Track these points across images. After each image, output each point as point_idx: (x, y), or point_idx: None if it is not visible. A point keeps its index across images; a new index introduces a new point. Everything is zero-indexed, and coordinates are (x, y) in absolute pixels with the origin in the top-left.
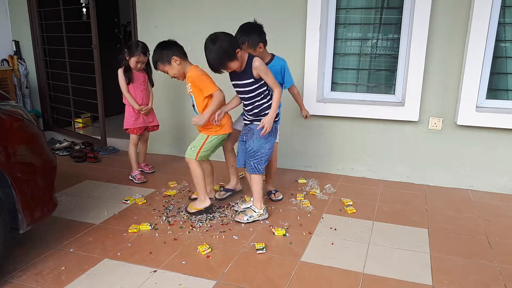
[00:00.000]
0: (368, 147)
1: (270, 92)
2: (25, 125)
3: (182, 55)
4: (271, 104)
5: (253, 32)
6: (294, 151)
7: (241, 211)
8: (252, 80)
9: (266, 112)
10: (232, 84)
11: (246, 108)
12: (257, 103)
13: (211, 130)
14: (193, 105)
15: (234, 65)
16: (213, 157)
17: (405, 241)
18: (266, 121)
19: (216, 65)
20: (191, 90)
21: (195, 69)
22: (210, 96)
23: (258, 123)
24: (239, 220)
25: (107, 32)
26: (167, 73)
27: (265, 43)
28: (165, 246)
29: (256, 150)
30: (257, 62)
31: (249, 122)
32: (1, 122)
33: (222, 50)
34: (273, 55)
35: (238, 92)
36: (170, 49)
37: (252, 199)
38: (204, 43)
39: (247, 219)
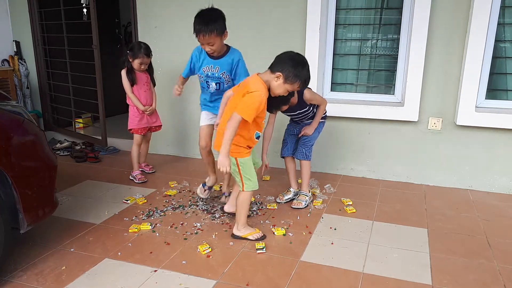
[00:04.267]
0: (368, 147)
1: None
2: (26, 125)
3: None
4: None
5: (220, 19)
6: None
7: (294, 199)
8: (307, 107)
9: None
10: (286, 114)
11: (297, 120)
12: (310, 115)
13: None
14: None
15: (294, 100)
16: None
17: (404, 241)
18: (309, 131)
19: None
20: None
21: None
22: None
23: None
24: (297, 207)
25: (108, 32)
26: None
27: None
28: (166, 246)
29: (310, 139)
30: (308, 95)
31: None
32: (2, 122)
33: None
34: (228, 47)
35: (292, 116)
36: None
37: (291, 189)
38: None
39: (304, 204)
